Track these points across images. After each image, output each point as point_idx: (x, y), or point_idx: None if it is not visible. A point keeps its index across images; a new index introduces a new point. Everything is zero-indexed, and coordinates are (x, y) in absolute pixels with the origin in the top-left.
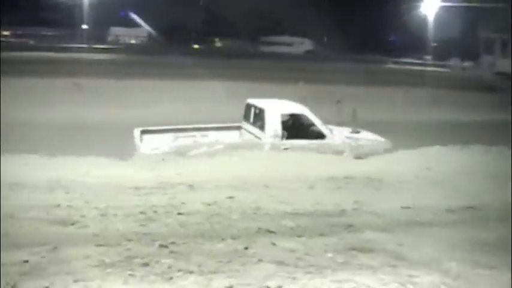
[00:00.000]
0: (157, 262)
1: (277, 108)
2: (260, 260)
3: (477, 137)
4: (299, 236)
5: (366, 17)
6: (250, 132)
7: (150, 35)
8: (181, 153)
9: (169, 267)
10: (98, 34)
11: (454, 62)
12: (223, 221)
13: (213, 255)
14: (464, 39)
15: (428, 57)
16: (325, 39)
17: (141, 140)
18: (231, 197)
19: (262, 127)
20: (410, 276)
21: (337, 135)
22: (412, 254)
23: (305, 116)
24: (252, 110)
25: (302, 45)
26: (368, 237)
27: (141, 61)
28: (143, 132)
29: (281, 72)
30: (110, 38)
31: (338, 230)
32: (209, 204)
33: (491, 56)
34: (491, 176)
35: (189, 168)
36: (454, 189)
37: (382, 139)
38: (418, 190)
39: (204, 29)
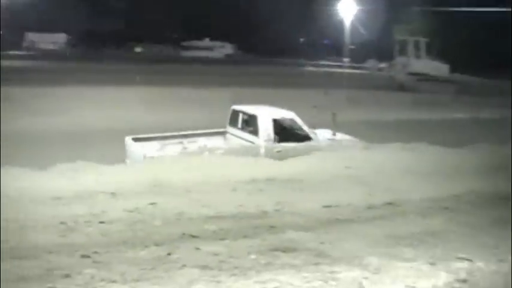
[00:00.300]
0: (79, 273)
1: (269, 113)
2: (184, 265)
3: (395, 134)
4: (222, 239)
5: (284, 21)
6: (238, 137)
7: (68, 40)
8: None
9: (92, 277)
10: (13, 40)
11: (370, 63)
12: (146, 228)
13: (136, 263)
14: (381, 42)
15: (346, 59)
16: (246, 43)
17: (133, 146)
18: (153, 203)
19: (255, 132)
20: (333, 272)
21: (320, 137)
22: (334, 251)
23: (293, 120)
24: (240, 116)
25: (222, 49)
26: (290, 237)
27: (58, 68)
28: (135, 140)
29: (197, 75)
30: (25, 44)
31: (261, 232)
32: (131, 211)
33: (405, 57)
34: (408, 172)
35: (114, 175)
36: (373, 186)
37: (357, 139)
38: (339, 189)
39: (123, 34)
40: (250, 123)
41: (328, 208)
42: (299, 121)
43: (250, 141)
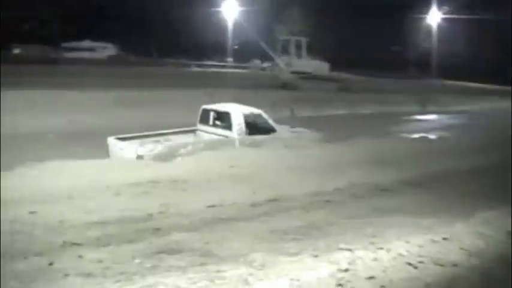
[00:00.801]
0: None
1: (240, 110)
2: (66, 275)
3: None
4: (106, 245)
5: (168, 21)
6: (211, 133)
7: None
8: (172, 154)
9: None
10: None
11: (254, 63)
12: (25, 238)
13: (15, 276)
14: (264, 42)
15: (230, 59)
16: (129, 44)
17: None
18: (33, 212)
19: (228, 127)
20: (219, 271)
21: (283, 130)
22: (219, 250)
23: (261, 115)
24: (211, 114)
25: (105, 50)
26: (175, 238)
27: None
28: (121, 139)
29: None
30: None
31: (145, 235)
32: (10, 222)
33: (288, 56)
34: (293, 168)
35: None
36: (257, 184)
37: (315, 132)
38: (223, 188)
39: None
40: (223, 120)
41: (213, 208)
42: (265, 116)
43: (224, 136)
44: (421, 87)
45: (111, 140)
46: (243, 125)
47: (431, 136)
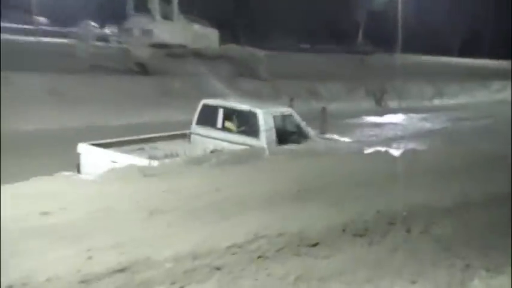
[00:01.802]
0: None
1: (267, 109)
2: None
3: None
4: None
5: None
6: (219, 139)
7: None
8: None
9: None
10: None
11: (84, 27)
12: None
13: None
14: None
15: (44, 19)
16: None
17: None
18: None
19: (253, 133)
20: None
21: (316, 137)
22: None
23: (292, 117)
24: (221, 112)
25: None
26: None
27: None
28: (100, 146)
29: None
30: None
31: None
32: None
33: (146, 17)
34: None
35: None
36: None
37: (349, 139)
38: None
39: None
40: (241, 122)
41: None
42: (297, 118)
43: (245, 144)
44: (374, 68)
45: (86, 148)
46: (273, 131)
47: (391, 151)
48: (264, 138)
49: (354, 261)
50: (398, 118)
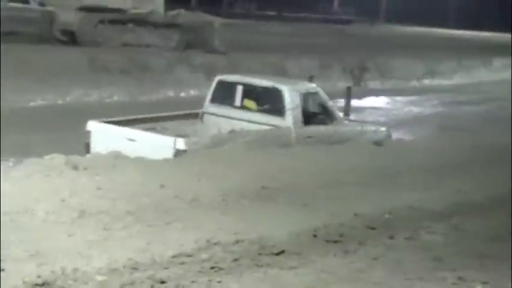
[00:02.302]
0: None
1: (294, 86)
2: None
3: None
4: None
5: None
6: (237, 119)
7: None
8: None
9: None
10: None
11: None
12: None
13: None
14: None
15: None
16: None
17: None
18: None
19: (278, 111)
20: None
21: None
22: None
23: (318, 94)
24: (240, 89)
25: None
26: None
27: None
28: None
29: None
30: None
31: None
32: None
33: None
34: None
35: None
36: None
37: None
38: None
39: None
40: (264, 100)
41: None
42: (324, 96)
43: (268, 125)
44: (353, 40)
45: (98, 126)
46: (299, 110)
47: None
48: (290, 118)
49: (326, 273)
50: (381, 101)
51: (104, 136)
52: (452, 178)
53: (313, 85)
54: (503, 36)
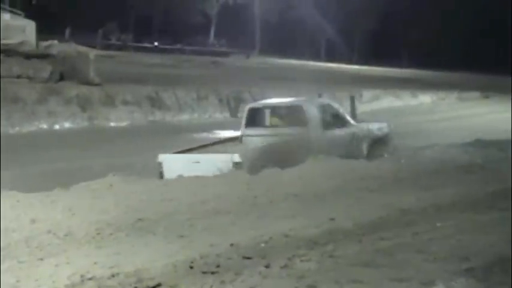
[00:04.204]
0: None
1: (310, 101)
2: None
3: None
4: None
5: None
6: (271, 136)
7: None
8: None
9: None
10: None
11: None
12: None
13: None
14: None
15: None
16: None
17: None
18: None
19: (302, 122)
20: None
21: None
22: None
23: (331, 105)
24: (267, 112)
25: None
26: None
27: None
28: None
29: None
30: None
31: None
32: None
33: None
34: None
35: None
36: None
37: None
38: None
39: None
40: (291, 116)
41: None
42: (336, 106)
43: (294, 134)
44: (229, 72)
45: (168, 157)
46: (319, 119)
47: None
48: (312, 126)
49: None
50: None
51: (173, 164)
52: (325, 206)
53: (326, 99)
54: (374, 70)
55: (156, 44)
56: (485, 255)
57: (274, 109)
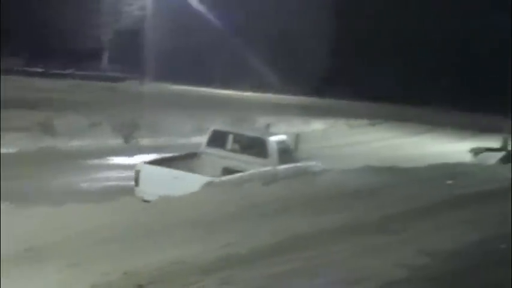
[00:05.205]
0: None
1: (272, 136)
2: None
3: None
4: None
5: None
6: (229, 159)
7: None
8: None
9: None
10: None
11: None
12: None
13: None
14: None
15: None
16: None
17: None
18: None
19: (262, 154)
20: None
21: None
22: None
23: (286, 142)
24: (230, 137)
25: None
26: None
27: None
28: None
29: None
30: None
31: None
32: None
33: None
34: None
35: None
36: None
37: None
38: None
39: None
40: (250, 146)
41: None
42: (289, 143)
43: (252, 163)
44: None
45: (147, 167)
46: (276, 153)
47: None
48: (271, 159)
49: None
50: (152, 158)
51: (150, 176)
52: (221, 232)
53: (283, 136)
54: (268, 97)
55: (43, 70)
56: (377, 279)
57: (237, 136)
